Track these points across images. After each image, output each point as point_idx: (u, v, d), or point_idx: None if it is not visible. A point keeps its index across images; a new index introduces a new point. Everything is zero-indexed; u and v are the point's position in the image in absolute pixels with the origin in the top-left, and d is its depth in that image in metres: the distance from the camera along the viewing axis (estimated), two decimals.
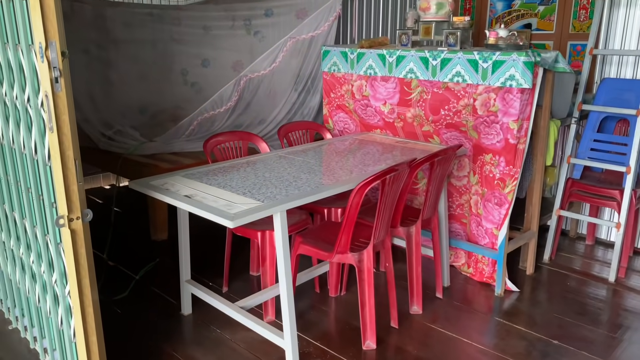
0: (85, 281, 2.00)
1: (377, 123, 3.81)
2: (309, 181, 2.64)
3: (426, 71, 3.35)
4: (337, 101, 4.01)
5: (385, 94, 3.65)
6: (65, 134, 1.85)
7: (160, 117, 5.18)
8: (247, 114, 5.11)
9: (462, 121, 3.28)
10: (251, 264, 3.55)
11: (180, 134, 4.80)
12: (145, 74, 5.09)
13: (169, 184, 2.58)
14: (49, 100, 1.79)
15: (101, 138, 4.48)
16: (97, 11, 4.86)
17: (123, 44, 5.01)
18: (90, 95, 4.71)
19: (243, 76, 5.03)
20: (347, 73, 3.85)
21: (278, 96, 5.21)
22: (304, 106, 5.28)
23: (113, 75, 4.95)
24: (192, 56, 5.25)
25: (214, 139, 3.21)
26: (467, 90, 3.20)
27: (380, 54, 3.60)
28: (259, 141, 3.44)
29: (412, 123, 3.57)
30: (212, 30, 5.24)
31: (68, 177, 1.89)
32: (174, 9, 5.33)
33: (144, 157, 4.25)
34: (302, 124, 3.90)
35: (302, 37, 5.04)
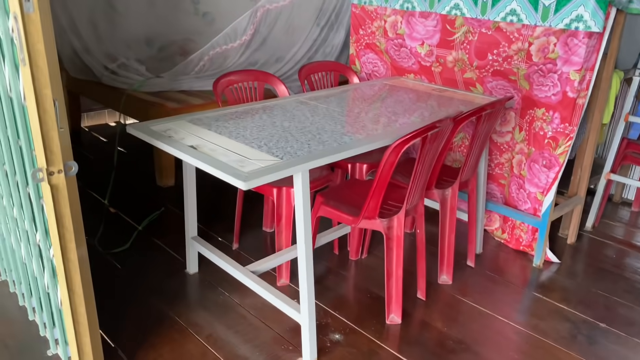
0: (70, 245, 1.69)
1: (412, 66, 3.36)
2: (334, 134, 2.27)
3: (474, 7, 2.87)
4: (366, 39, 3.55)
5: (423, 32, 3.19)
6: (41, 67, 1.47)
7: (168, 50, 4.74)
8: (262, 50, 4.66)
9: (513, 68, 2.84)
10: (264, 219, 3.24)
11: (190, 70, 4.39)
12: (153, 1, 4.61)
13: (173, 130, 2.22)
14: (18, 24, 1.41)
15: (104, 72, 4.09)
16: None
17: None
18: (93, 22, 4.27)
19: (260, 7, 4.54)
20: (380, 7, 3.37)
21: (298, 31, 4.73)
22: (326, 44, 4.80)
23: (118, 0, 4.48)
24: None
25: (225, 79, 2.81)
26: (522, 32, 2.73)
27: None
28: (277, 83, 3.04)
29: (453, 68, 3.13)
30: None
31: (46, 121, 1.53)
32: None
33: (149, 94, 3.87)
34: (325, 64, 3.47)
35: None
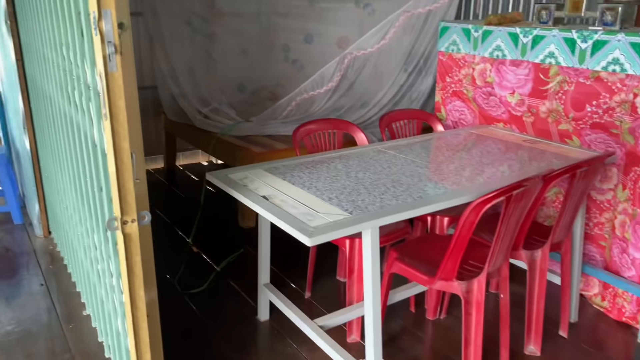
0: (139, 292, 1.73)
1: (501, 115, 3.19)
2: (410, 188, 2.17)
3: (571, 56, 2.68)
4: (453, 87, 3.44)
5: (514, 81, 3.02)
6: (121, 122, 1.55)
7: (259, 94, 4.93)
8: (349, 95, 4.68)
9: (615, 121, 2.58)
10: (339, 268, 3.17)
11: (278, 114, 4.51)
12: (246, 49, 4.85)
13: (249, 179, 2.25)
14: (102, 81, 1.49)
15: (197, 115, 4.31)
16: None
17: (226, 17, 4.79)
18: (190, 69, 4.55)
19: (348, 54, 4.59)
20: (468, 54, 3.26)
21: (385, 77, 4.71)
22: (414, 89, 4.73)
23: (214, 49, 4.76)
24: (295, 31, 4.90)
25: (304, 128, 2.83)
26: (625, 82, 2.49)
27: (512, 33, 2.96)
28: (356, 131, 3.00)
29: (546, 119, 2.92)
30: (318, 3, 4.84)
31: (123, 172, 1.59)
32: None
33: (237, 138, 4.01)
34: (408, 112, 3.39)
35: (418, 11, 4.47)
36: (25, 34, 2.95)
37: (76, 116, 2.00)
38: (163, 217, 4.07)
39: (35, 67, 2.80)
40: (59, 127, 2.41)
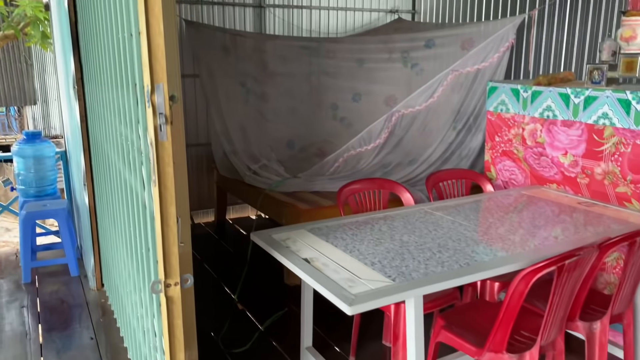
0: (179, 355, 1.73)
1: (554, 176, 3.09)
2: (457, 253, 2.11)
3: (626, 117, 2.59)
4: (502, 146, 3.38)
5: (566, 142, 2.94)
6: (169, 188, 1.60)
7: (307, 151, 5.02)
8: (396, 152, 4.69)
9: None
10: (385, 332, 3.07)
11: (325, 170, 4.56)
12: (296, 108, 4.99)
13: (292, 240, 2.25)
14: (153, 149, 1.57)
15: (247, 172, 4.42)
16: (257, 45, 4.90)
17: (277, 77, 4.97)
18: (243, 127, 4.72)
19: (395, 111, 4.64)
20: (517, 114, 3.22)
21: (433, 134, 4.70)
22: (463, 146, 4.68)
23: (266, 108, 4.93)
24: (343, 90, 5.02)
25: (349, 187, 2.84)
26: None
27: (563, 94, 2.91)
28: (402, 190, 2.98)
29: (602, 181, 2.80)
30: (366, 63, 4.96)
31: (168, 236, 1.64)
32: (330, 42, 5.17)
33: (284, 194, 4.06)
34: (455, 172, 3.35)
35: (467, 70, 4.49)
36: (90, 98, 3.16)
37: (130, 178, 2.10)
38: (211, 271, 4.12)
39: (97, 129, 2.98)
40: (115, 186, 2.54)
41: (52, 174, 4.36)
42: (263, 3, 5.23)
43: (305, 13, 5.51)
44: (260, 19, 5.27)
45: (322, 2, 5.56)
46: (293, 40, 5.15)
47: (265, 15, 5.28)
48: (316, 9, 5.54)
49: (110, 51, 2.20)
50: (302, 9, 5.48)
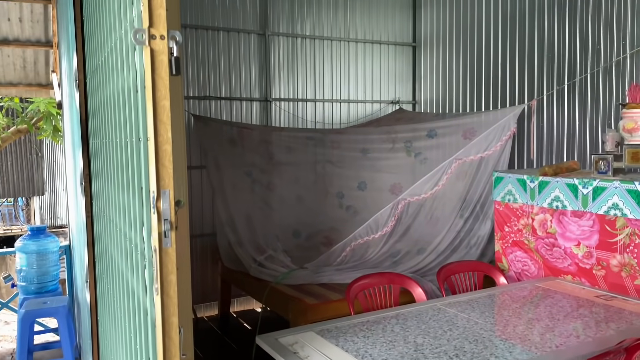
0: None
1: (568, 268, 3.00)
2: (474, 357, 1.98)
3: (638, 208, 2.55)
4: (512, 236, 3.32)
5: (578, 232, 2.88)
6: (171, 297, 1.54)
7: (314, 240, 4.96)
8: (404, 240, 4.62)
9: None
10: None
11: (332, 260, 4.48)
12: (302, 197, 5.00)
13: (299, 345, 2.14)
14: (156, 256, 1.53)
15: (252, 264, 4.34)
16: (263, 136, 5.00)
17: (283, 167, 5.03)
18: (248, 217, 4.70)
19: (402, 199, 4.63)
20: (525, 204, 3.19)
21: (441, 222, 4.66)
22: (472, 234, 4.61)
23: (272, 197, 4.94)
24: (348, 178, 5.05)
25: (358, 283, 2.75)
26: None
27: (571, 184, 2.90)
28: (413, 285, 2.89)
29: (619, 273, 2.71)
30: (371, 153, 5.03)
31: (170, 348, 1.55)
32: (335, 133, 5.28)
33: (291, 287, 3.95)
34: (467, 264, 3.26)
35: (470, 159, 4.53)
36: (96, 195, 3.17)
37: (132, 280, 2.04)
38: None
39: (102, 226, 2.96)
40: (117, 287, 2.47)
41: (54, 269, 4.29)
42: (269, 97, 5.41)
43: (309, 105, 5.68)
44: (266, 112, 5.43)
45: (325, 95, 5.76)
46: (298, 132, 5.27)
47: (271, 109, 5.44)
48: (320, 101, 5.73)
49: (118, 153, 2.23)
50: (306, 102, 5.66)
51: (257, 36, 5.35)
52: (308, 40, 5.63)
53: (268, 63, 5.39)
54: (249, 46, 5.31)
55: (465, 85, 5.53)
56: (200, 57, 5.08)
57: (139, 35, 1.50)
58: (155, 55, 1.52)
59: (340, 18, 5.78)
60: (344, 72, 5.87)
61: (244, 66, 5.29)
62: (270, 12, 5.37)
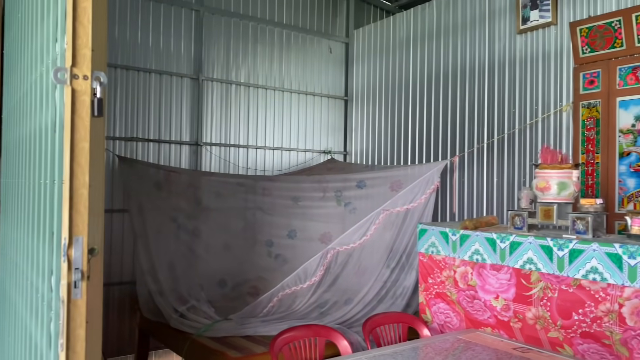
0: None
1: (488, 320, 3.09)
2: None
3: (550, 263, 2.70)
4: (436, 288, 3.39)
5: (497, 285, 2.99)
6: (78, 353, 1.42)
7: (240, 289, 4.82)
8: (332, 291, 4.60)
9: (605, 332, 2.49)
10: None
11: (258, 311, 4.36)
12: (230, 245, 4.88)
13: None
14: (64, 308, 1.41)
15: (173, 314, 4.13)
16: (192, 181, 4.89)
17: (212, 213, 4.91)
18: (171, 265, 4.51)
19: (331, 248, 4.64)
20: (448, 256, 3.29)
21: (368, 272, 4.69)
22: (398, 285, 4.67)
23: (198, 244, 4.78)
24: (278, 227, 5.01)
25: (283, 337, 2.68)
26: (608, 291, 2.47)
27: (490, 238, 3.03)
28: (338, 338, 2.85)
29: (534, 325, 2.82)
30: (302, 201, 5.04)
31: None
32: (266, 180, 5.27)
33: (214, 339, 3.78)
34: (391, 316, 3.28)
35: (397, 210, 4.65)
36: (3, 237, 2.94)
37: (35, 334, 1.87)
38: None
39: (7, 272, 2.73)
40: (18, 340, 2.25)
41: None
42: (200, 141, 5.34)
43: (242, 151, 5.66)
44: (196, 156, 5.34)
45: (258, 142, 5.77)
46: (229, 177, 5.21)
47: (201, 153, 5.37)
48: (253, 148, 5.73)
49: (30, 194, 2.08)
50: (238, 147, 5.64)
51: (190, 80, 5.32)
52: (243, 87, 5.67)
53: (200, 107, 5.36)
54: (182, 89, 5.27)
55: (393, 139, 5.74)
56: (130, 97, 4.96)
57: (60, 74, 1.44)
58: (76, 95, 1.46)
59: (275, 69, 5.90)
60: (278, 120, 5.93)
61: (175, 109, 5.22)
62: (205, 58, 5.39)
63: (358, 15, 6.52)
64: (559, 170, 2.89)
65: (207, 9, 5.38)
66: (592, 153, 3.86)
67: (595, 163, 3.85)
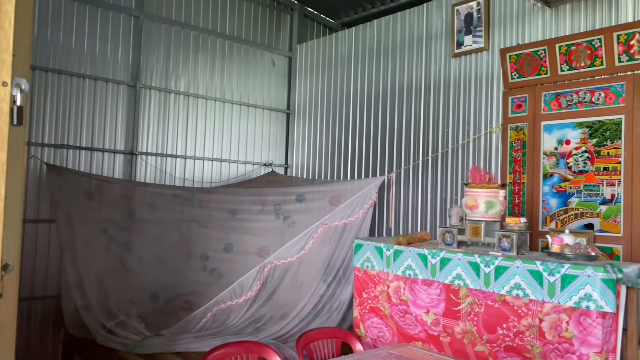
0: None
1: (419, 334, 3.16)
2: None
3: (477, 279, 2.80)
4: (370, 303, 3.44)
5: (427, 300, 3.07)
6: None
7: (173, 304, 4.68)
8: (268, 305, 4.56)
9: (527, 345, 2.61)
10: None
11: (191, 327, 4.26)
12: (163, 258, 4.74)
13: None
14: None
15: (100, 330, 3.96)
16: (125, 191, 4.72)
17: (145, 225, 4.75)
18: (100, 279, 4.32)
19: (268, 262, 4.62)
20: (382, 271, 3.35)
21: (305, 286, 4.69)
22: (334, 299, 4.69)
23: (129, 257, 4.61)
24: (215, 240, 4.92)
25: (214, 354, 2.63)
26: (530, 307, 2.59)
27: (421, 254, 3.11)
28: (271, 354, 2.82)
29: (462, 340, 2.91)
30: (240, 214, 4.98)
31: None
32: (203, 192, 5.17)
33: (143, 357, 3.65)
34: (325, 331, 3.29)
35: (335, 224, 4.69)
36: None
37: None
38: None
39: None
40: None
41: None
42: (135, 150, 5.18)
43: (179, 162, 5.54)
44: (131, 165, 5.17)
45: (197, 153, 5.67)
46: (165, 188, 5.07)
47: (136, 162, 5.21)
48: (191, 158, 5.62)
49: None
50: (176, 158, 5.51)
51: (127, 87, 5.17)
52: (182, 97, 5.57)
53: (137, 115, 5.20)
54: (118, 96, 5.10)
55: (334, 154, 5.81)
56: (62, 102, 4.75)
57: None
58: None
59: (217, 79, 5.83)
60: (218, 131, 5.86)
61: (110, 116, 5.04)
62: (143, 65, 5.25)
63: (302, 31, 6.58)
64: (486, 189, 3.02)
65: (147, 16, 5.26)
66: (519, 173, 4.07)
67: (521, 183, 4.05)
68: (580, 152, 3.76)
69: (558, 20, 4.01)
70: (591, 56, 3.72)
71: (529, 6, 4.16)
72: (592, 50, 3.71)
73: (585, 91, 3.76)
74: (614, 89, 3.63)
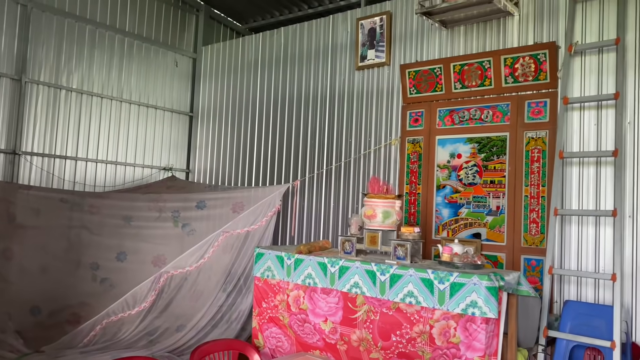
0: None
1: (317, 343, 3.17)
2: None
3: (373, 287, 2.87)
4: (269, 312, 3.40)
5: (326, 309, 3.10)
6: None
7: (58, 317, 4.32)
8: (164, 317, 4.36)
9: (418, 351, 2.71)
10: None
11: (78, 341, 3.97)
12: (48, 268, 4.37)
13: None
14: None
15: None
16: (4, 194, 4.30)
17: (28, 232, 4.35)
18: None
19: (164, 272, 4.42)
20: (282, 280, 3.32)
21: (204, 296, 4.55)
22: (233, 309, 4.59)
23: (8, 267, 4.19)
24: (107, 248, 4.61)
25: None
26: (421, 314, 2.70)
27: (321, 263, 3.13)
28: None
29: (358, 347, 2.97)
30: (134, 221, 4.72)
31: None
32: (95, 197, 4.84)
33: None
34: (221, 343, 3.21)
35: (237, 232, 4.61)
36: None
37: None
38: None
39: None
40: None
41: None
42: (18, 150, 4.74)
43: (69, 164, 5.16)
44: (13, 166, 4.72)
45: (90, 155, 5.31)
46: (50, 192, 4.68)
47: (19, 163, 4.77)
48: (82, 160, 5.25)
49: None
50: (66, 159, 5.13)
51: (10, 80, 4.73)
52: (74, 94, 5.20)
53: (22, 111, 4.77)
54: None
55: (238, 160, 5.72)
56: None
57: None
58: None
59: (114, 77, 5.52)
60: (114, 132, 5.53)
61: None
62: (30, 57, 4.83)
63: (207, 32, 6.43)
64: (384, 200, 3.11)
65: (36, 5, 4.85)
66: (415, 184, 4.25)
67: (417, 193, 4.24)
68: (470, 166, 4.01)
69: (453, 40, 4.26)
70: (481, 76, 3.99)
71: (427, 25, 4.38)
72: (482, 70, 3.98)
73: (475, 109, 4.03)
74: (501, 107, 3.92)
